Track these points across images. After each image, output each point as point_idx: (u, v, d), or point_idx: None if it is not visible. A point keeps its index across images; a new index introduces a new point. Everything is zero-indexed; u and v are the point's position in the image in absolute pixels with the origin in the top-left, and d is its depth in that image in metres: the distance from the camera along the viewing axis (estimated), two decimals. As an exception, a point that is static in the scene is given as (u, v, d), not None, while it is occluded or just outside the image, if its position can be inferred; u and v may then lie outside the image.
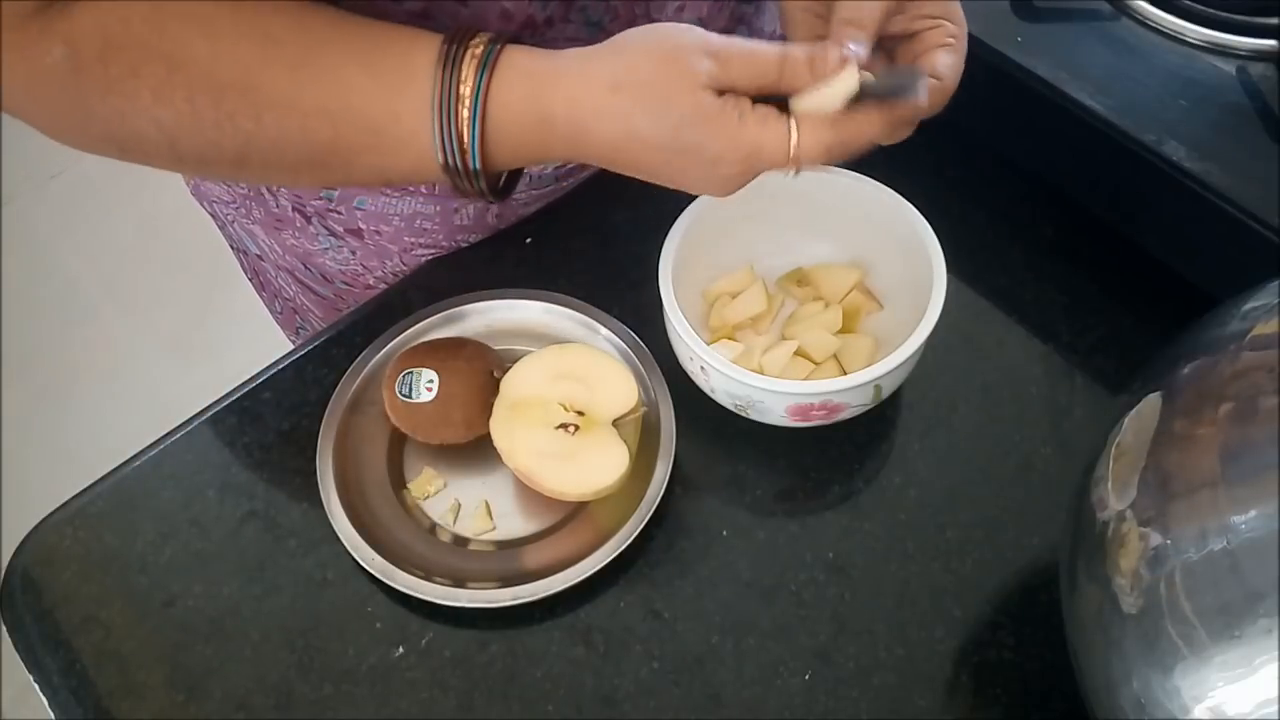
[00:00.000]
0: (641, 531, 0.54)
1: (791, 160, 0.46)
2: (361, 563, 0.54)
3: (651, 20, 0.60)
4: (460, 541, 0.57)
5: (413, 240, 0.68)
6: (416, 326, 0.62)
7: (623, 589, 0.55)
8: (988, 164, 0.68)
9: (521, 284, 0.65)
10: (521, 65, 0.46)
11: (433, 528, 0.57)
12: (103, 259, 1.88)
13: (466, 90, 0.46)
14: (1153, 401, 0.40)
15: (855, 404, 0.55)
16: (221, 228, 0.78)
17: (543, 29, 0.56)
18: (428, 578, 0.54)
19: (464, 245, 0.68)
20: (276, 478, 0.60)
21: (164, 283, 1.84)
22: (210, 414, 0.62)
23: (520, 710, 0.52)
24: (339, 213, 0.66)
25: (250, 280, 0.82)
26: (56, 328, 1.82)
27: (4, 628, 0.57)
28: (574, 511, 0.57)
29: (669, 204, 0.60)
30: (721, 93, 0.45)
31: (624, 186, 0.70)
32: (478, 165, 0.47)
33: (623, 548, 0.54)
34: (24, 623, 0.56)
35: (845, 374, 0.56)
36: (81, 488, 0.60)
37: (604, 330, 0.61)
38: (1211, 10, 0.62)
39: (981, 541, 0.56)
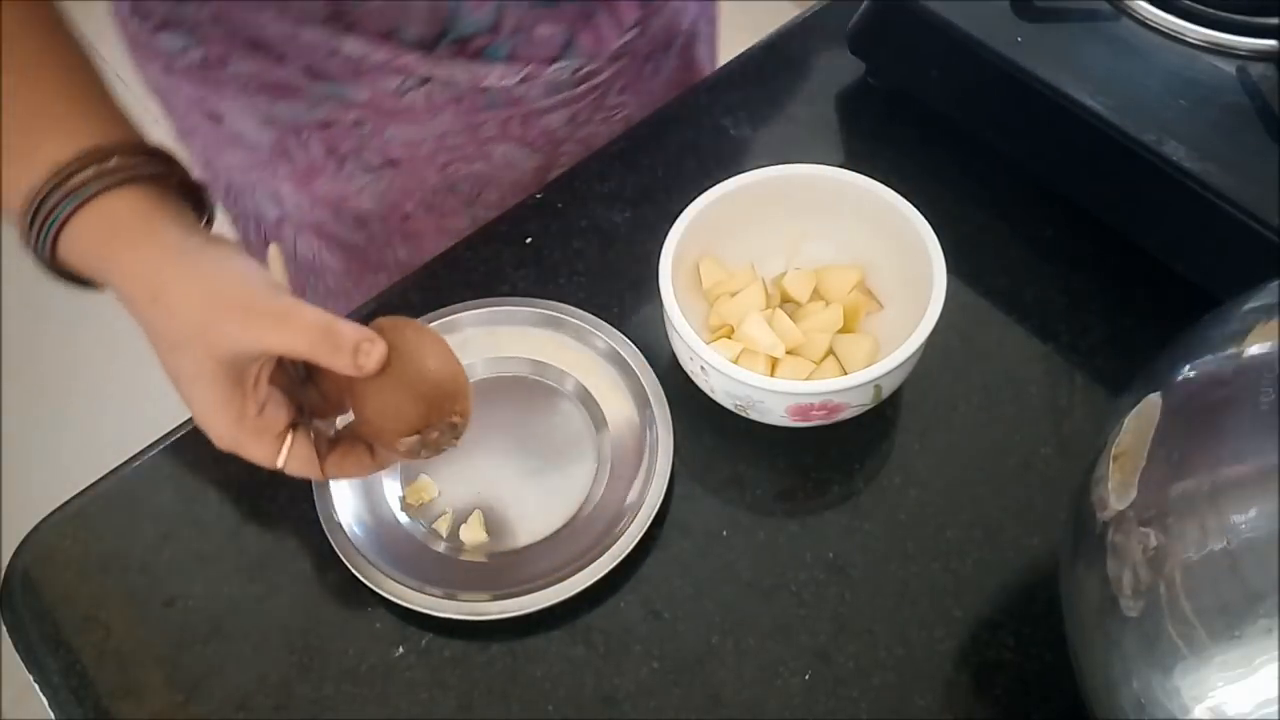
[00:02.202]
0: (642, 532, 0.54)
1: (278, 468, 0.49)
2: (352, 569, 0.54)
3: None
4: (454, 550, 0.57)
5: (446, 159, 0.70)
6: None
7: (623, 589, 0.55)
8: (988, 164, 0.68)
9: (521, 284, 0.65)
10: (114, 215, 0.46)
11: (427, 535, 0.57)
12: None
13: (50, 210, 0.46)
14: (1153, 401, 0.40)
15: (855, 404, 0.55)
16: (233, 205, 0.78)
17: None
18: (419, 587, 0.54)
19: (491, 151, 0.71)
20: (276, 478, 0.59)
21: (164, 283, 1.84)
22: (210, 414, 0.62)
23: (520, 710, 0.52)
24: (372, 147, 0.69)
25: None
26: (56, 328, 1.82)
27: (4, 628, 0.57)
28: (569, 520, 0.57)
29: (669, 204, 0.60)
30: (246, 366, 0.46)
31: (624, 186, 0.70)
32: (45, 260, 0.48)
33: (622, 557, 0.54)
34: (24, 623, 0.56)
35: (845, 374, 0.56)
36: (81, 488, 0.60)
37: (600, 335, 0.61)
38: (1211, 10, 0.62)
39: (981, 541, 0.56)
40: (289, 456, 0.48)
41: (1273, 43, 0.60)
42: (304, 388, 0.50)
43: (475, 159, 0.72)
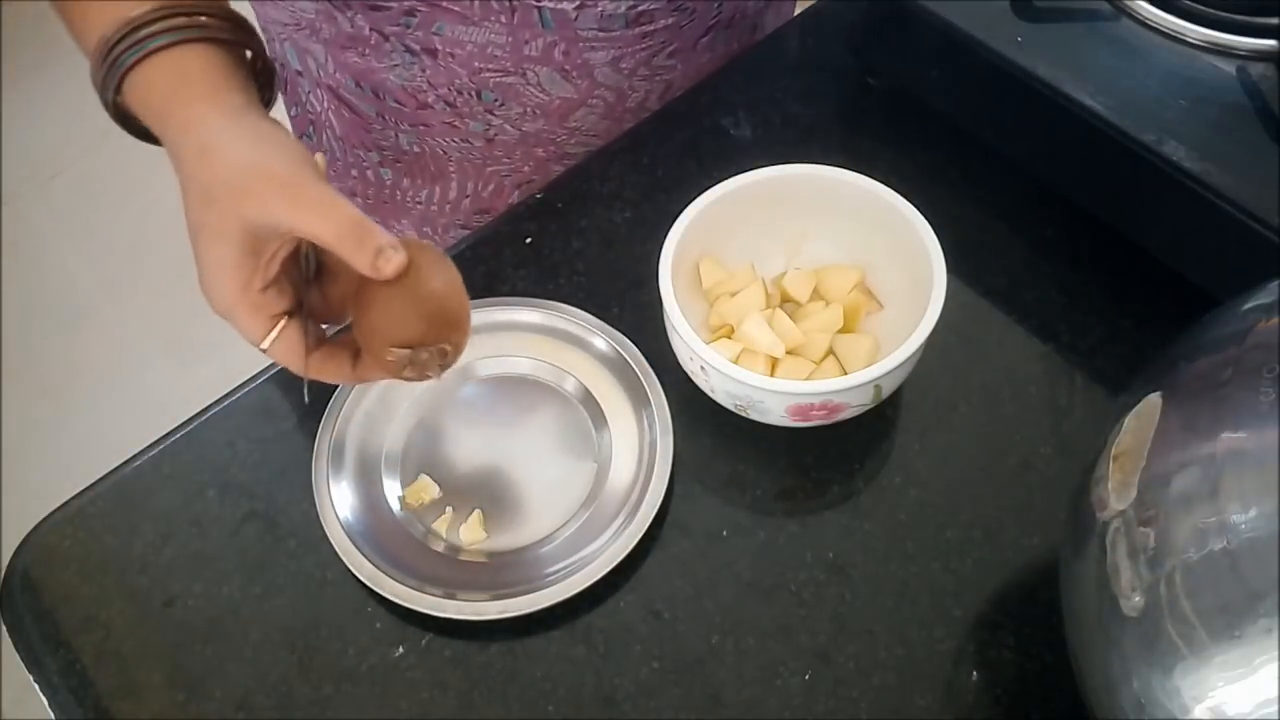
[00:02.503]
0: (642, 532, 0.55)
1: (262, 350, 0.49)
2: (352, 569, 0.54)
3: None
4: (453, 550, 0.57)
5: (482, 65, 0.70)
6: None
7: (623, 589, 0.55)
8: (988, 164, 0.68)
9: (521, 284, 0.65)
10: (185, 67, 0.49)
11: (426, 535, 0.57)
12: (103, 259, 1.88)
13: (125, 48, 0.49)
14: (1153, 401, 0.40)
15: (855, 404, 0.55)
16: (268, 43, 0.80)
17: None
18: (419, 587, 0.54)
19: (531, 66, 0.71)
20: (276, 478, 0.60)
21: (164, 283, 1.84)
22: (210, 414, 0.62)
23: (520, 710, 0.52)
24: (418, 35, 0.69)
25: None
26: (56, 328, 1.82)
27: (4, 628, 0.57)
28: (569, 520, 0.57)
29: (669, 204, 0.60)
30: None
31: (624, 186, 0.70)
32: (110, 97, 0.51)
33: (622, 557, 0.54)
34: (24, 623, 0.56)
35: (845, 374, 0.56)
36: (81, 488, 0.60)
37: (600, 335, 0.61)
38: (1211, 10, 0.62)
39: (981, 541, 0.56)
40: (277, 339, 0.49)
41: (1273, 43, 0.60)
42: (309, 288, 0.51)
43: (511, 73, 0.71)
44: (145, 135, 0.52)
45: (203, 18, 0.49)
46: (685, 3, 0.70)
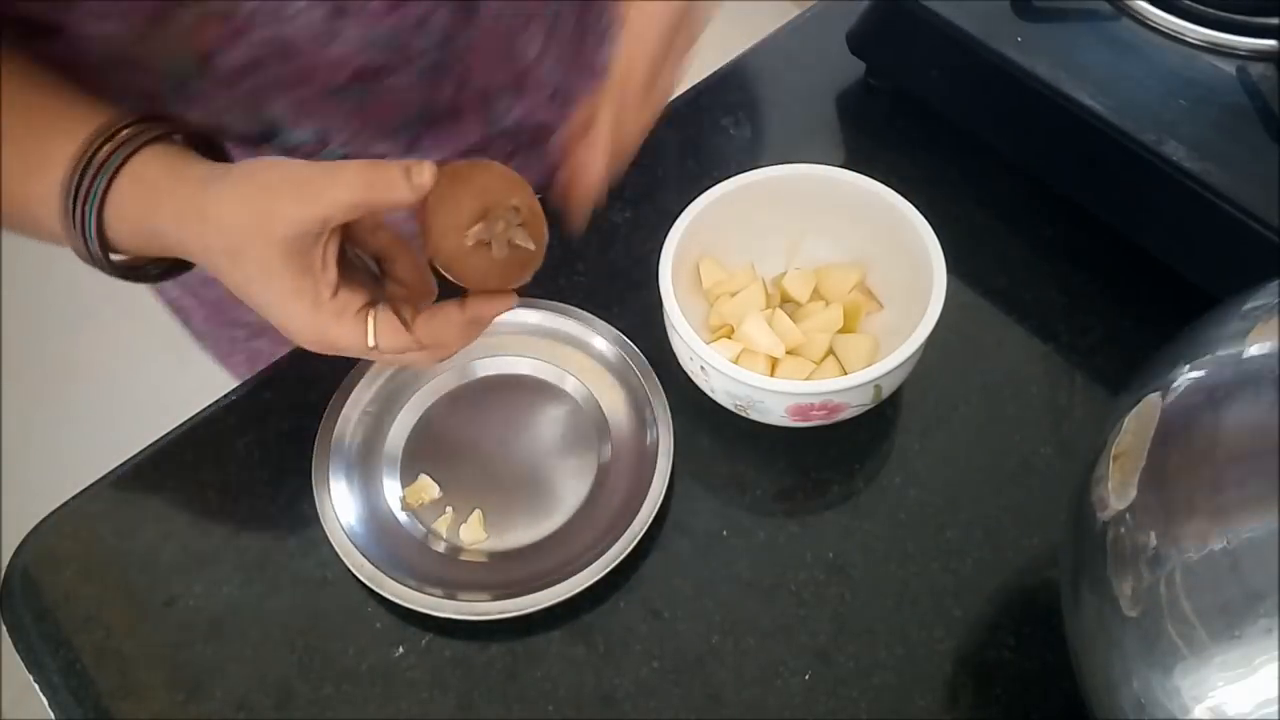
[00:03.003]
0: (642, 532, 0.55)
1: (372, 352, 0.47)
2: (352, 569, 0.54)
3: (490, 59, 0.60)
4: (454, 551, 0.57)
5: None
6: None
7: (623, 589, 0.55)
8: (988, 164, 0.68)
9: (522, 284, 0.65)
10: (143, 175, 0.47)
11: (427, 535, 0.57)
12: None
13: (85, 193, 0.46)
14: (1153, 401, 0.39)
15: (855, 404, 0.55)
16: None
17: (379, 74, 0.56)
18: (419, 587, 0.54)
19: None
20: (276, 478, 0.60)
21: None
22: (210, 414, 0.62)
23: (520, 710, 0.52)
24: None
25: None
26: (56, 328, 1.82)
27: (4, 628, 0.57)
28: (569, 520, 0.57)
29: (669, 204, 0.60)
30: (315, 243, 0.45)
31: (624, 186, 0.70)
32: (99, 252, 0.48)
33: (622, 557, 0.54)
34: (24, 623, 0.56)
35: (845, 374, 0.56)
36: (81, 488, 0.60)
37: (600, 335, 0.61)
38: (1211, 10, 0.62)
39: (981, 541, 0.56)
40: (377, 330, 0.47)
41: (1273, 43, 0.60)
42: (382, 284, 0.50)
43: None
44: (137, 272, 0.50)
45: (132, 127, 0.47)
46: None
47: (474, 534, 0.57)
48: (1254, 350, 0.37)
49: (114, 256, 0.49)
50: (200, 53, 0.52)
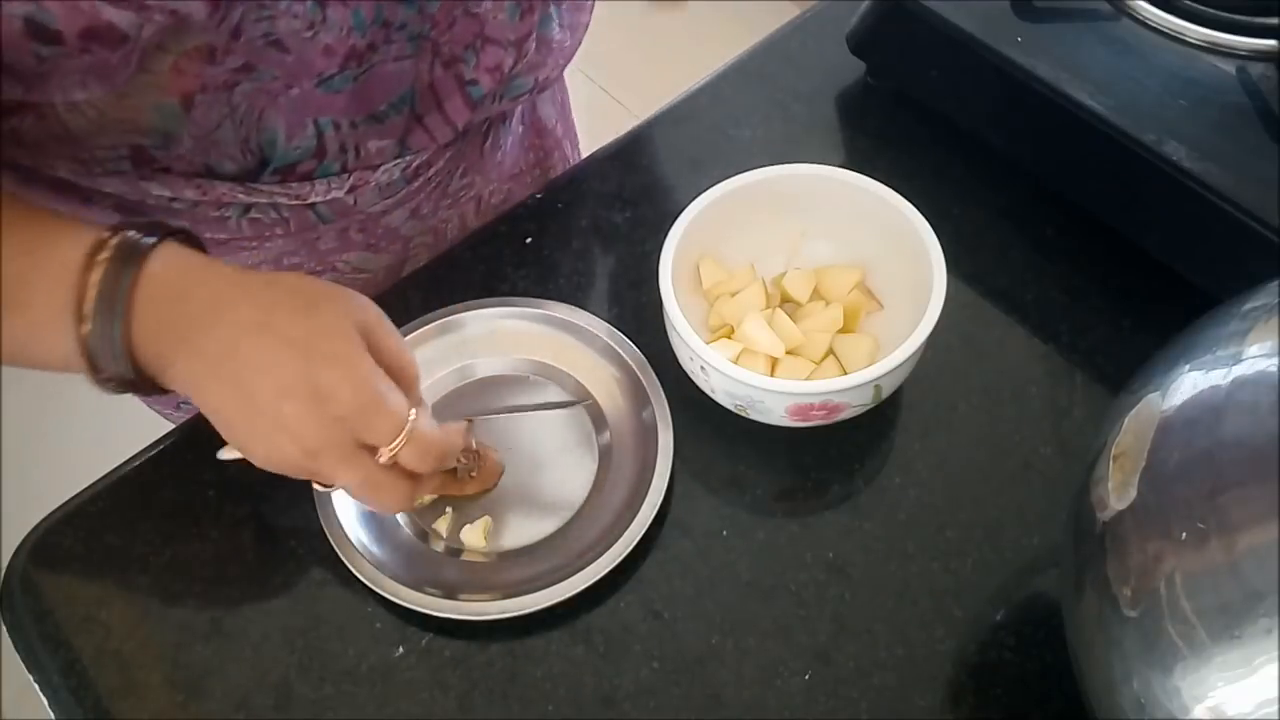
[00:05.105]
0: (642, 532, 0.55)
1: (403, 435, 0.46)
2: (352, 569, 0.54)
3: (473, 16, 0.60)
4: (453, 551, 0.57)
5: (290, 266, 0.67)
6: (415, 334, 0.62)
7: (623, 589, 0.55)
8: (988, 164, 0.68)
9: (521, 284, 0.65)
10: (155, 294, 0.45)
11: (426, 535, 0.57)
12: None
13: (109, 312, 0.45)
14: (1153, 401, 0.39)
15: (855, 404, 0.55)
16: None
17: (367, 54, 0.56)
18: (419, 587, 0.54)
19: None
20: (276, 478, 0.59)
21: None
22: (210, 414, 0.62)
23: (520, 710, 0.52)
24: None
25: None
26: (56, 328, 1.82)
27: (4, 628, 0.57)
28: (569, 520, 0.57)
29: (669, 204, 0.60)
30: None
31: (624, 186, 0.70)
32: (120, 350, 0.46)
33: (621, 558, 0.54)
34: (24, 623, 0.56)
35: (845, 374, 0.56)
36: (81, 488, 0.60)
37: (600, 335, 0.61)
38: (1211, 10, 0.62)
39: (981, 541, 0.56)
40: (417, 421, 0.46)
41: (1273, 43, 0.60)
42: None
43: (322, 270, 0.68)
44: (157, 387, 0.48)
45: (123, 234, 0.45)
46: (454, 137, 0.65)
47: (474, 539, 0.57)
48: (1254, 350, 0.37)
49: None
50: (184, 95, 0.52)
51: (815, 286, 0.61)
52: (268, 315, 0.45)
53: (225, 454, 0.51)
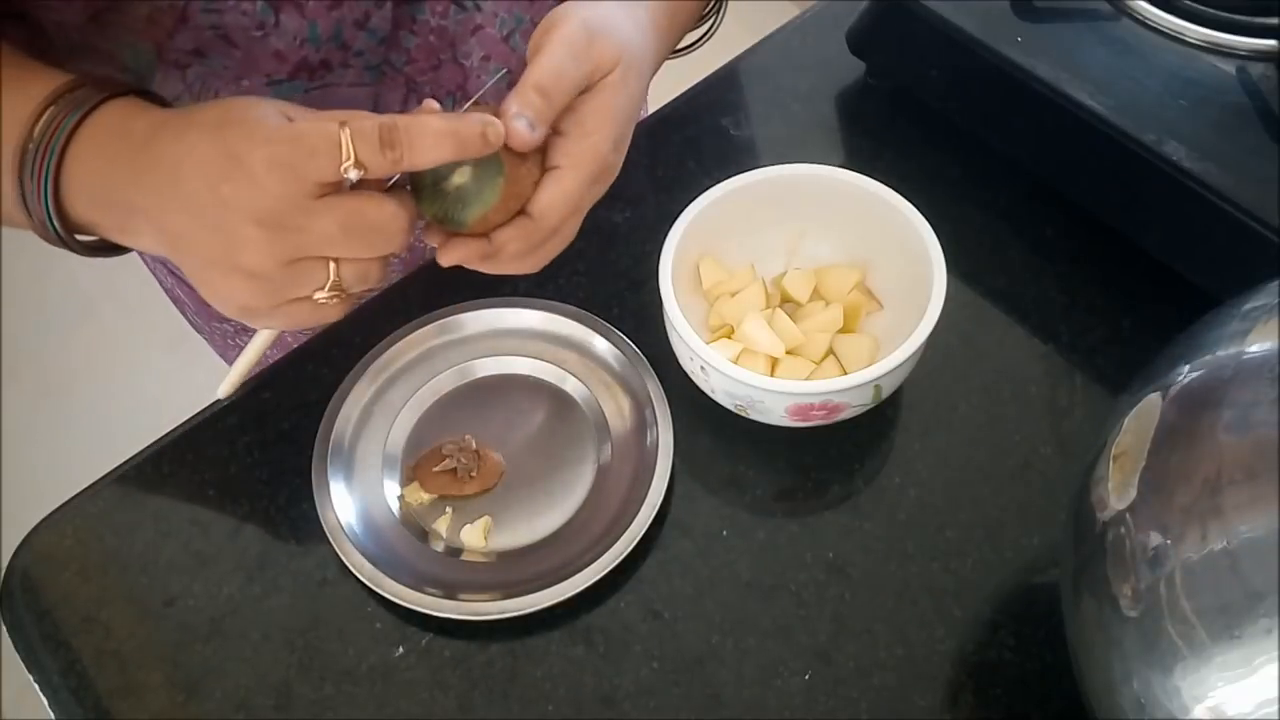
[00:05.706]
0: (642, 532, 0.55)
1: (344, 139, 0.42)
2: (352, 569, 0.54)
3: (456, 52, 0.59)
4: (453, 551, 0.57)
5: None
6: (415, 334, 0.62)
7: (623, 589, 0.55)
8: (988, 164, 0.68)
9: (522, 284, 0.65)
10: (105, 125, 0.45)
11: (426, 535, 0.57)
12: (103, 259, 1.88)
13: (41, 159, 0.44)
14: (1153, 401, 0.39)
15: (855, 404, 0.55)
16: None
17: (320, 71, 0.55)
18: (418, 587, 0.54)
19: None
20: (276, 478, 0.60)
21: (164, 283, 1.84)
22: (209, 414, 0.62)
23: (520, 710, 0.52)
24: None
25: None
26: (56, 328, 1.82)
27: (4, 628, 0.57)
28: (569, 520, 0.57)
29: (669, 204, 0.60)
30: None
31: (624, 186, 0.70)
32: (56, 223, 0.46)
33: (621, 558, 0.54)
34: (24, 623, 0.56)
35: (845, 374, 0.56)
36: (81, 488, 0.60)
37: (600, 336, 0.61)
38: (1211, 10, 0.62)
39: (981, 541, 0.56)
40: (354, 144, 0.42)
41: (1273, 43, 0.60)
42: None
43: None
44: (92, 244, 0.48)
45: (87, 89, 0.45)
46: None
47: (475, 539, 0.57)
48: (1254, 350, 0.37)
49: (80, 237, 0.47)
50: (156, 43, 0.53)
51: (815, 286, 0.61)
52: (217, 129, 0.43)
53: (224, 389, 0.50)
